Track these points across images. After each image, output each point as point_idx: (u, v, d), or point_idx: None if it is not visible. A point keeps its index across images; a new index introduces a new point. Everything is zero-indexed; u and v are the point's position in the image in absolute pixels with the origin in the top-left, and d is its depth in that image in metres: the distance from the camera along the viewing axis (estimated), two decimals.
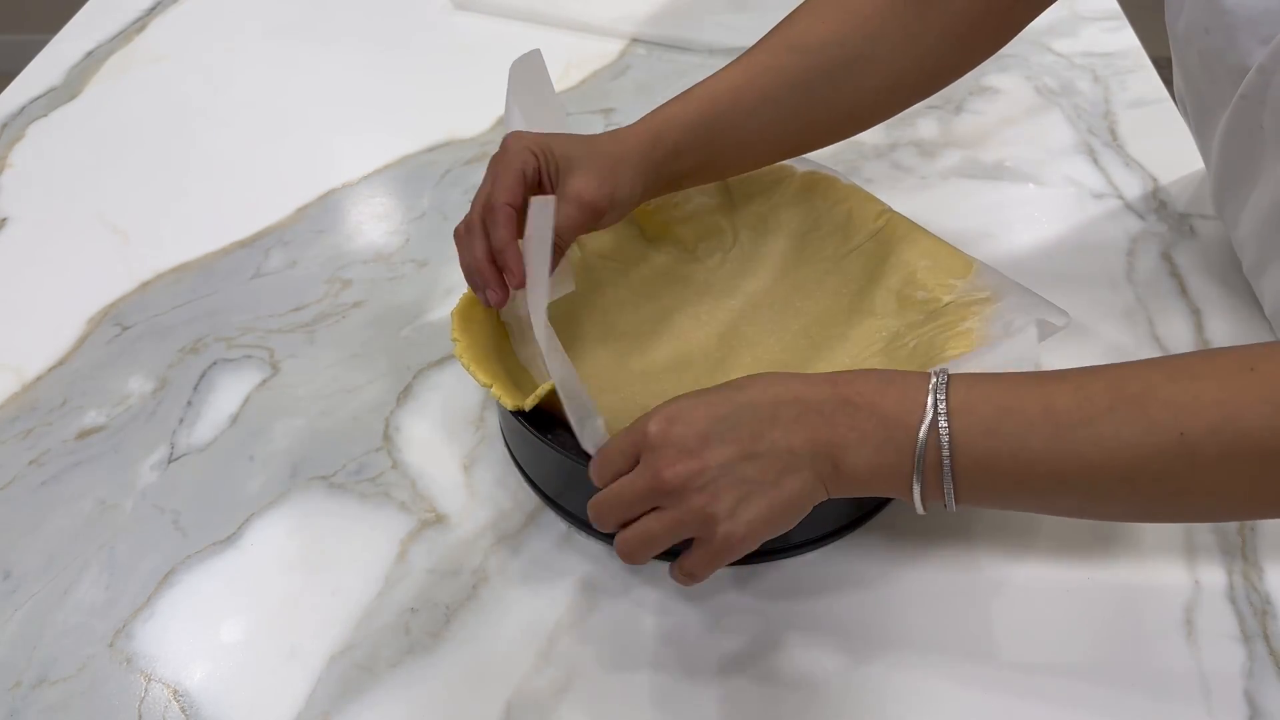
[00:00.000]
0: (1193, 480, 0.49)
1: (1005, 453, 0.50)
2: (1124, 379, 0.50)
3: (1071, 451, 0.49)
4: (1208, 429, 0.47)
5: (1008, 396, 0.51)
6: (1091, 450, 0.49)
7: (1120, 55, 1.07)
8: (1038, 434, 0.50)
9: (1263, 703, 0.57)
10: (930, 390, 0.51)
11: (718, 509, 0.51)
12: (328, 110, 1.04)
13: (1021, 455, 0.50)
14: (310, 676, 0.60)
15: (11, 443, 0.73)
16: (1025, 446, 0.50)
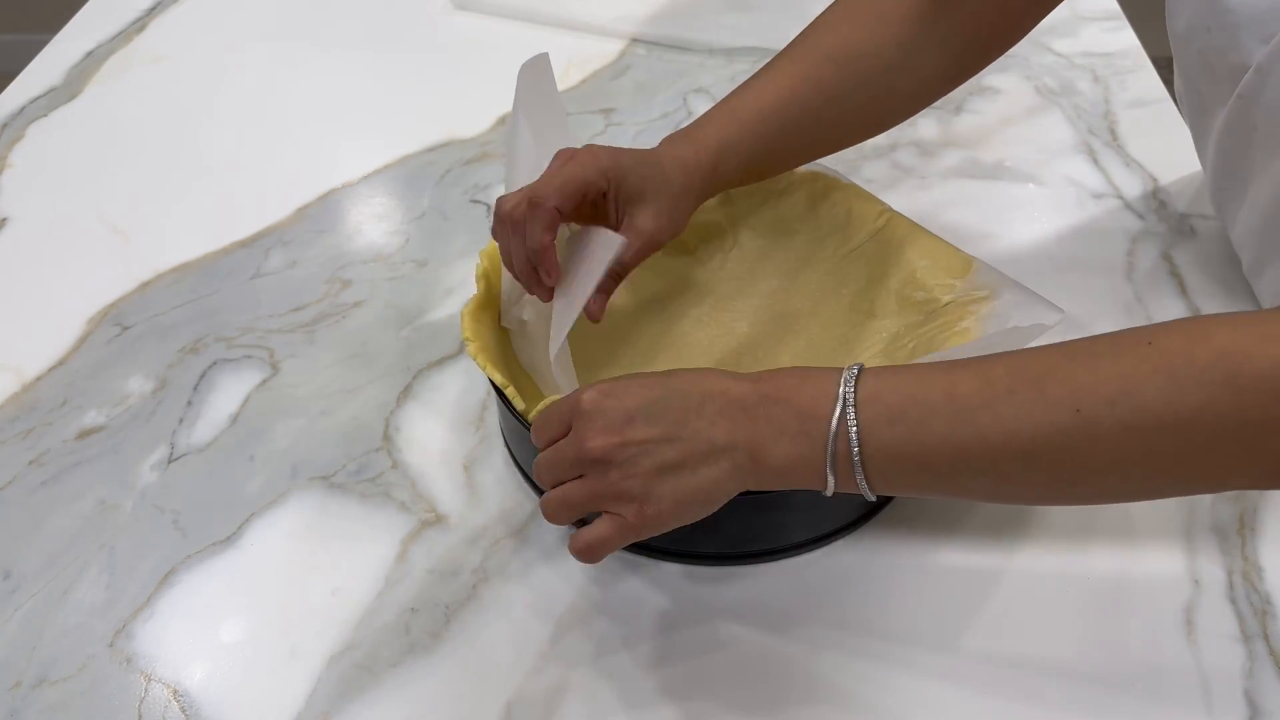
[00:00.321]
0: (1092, 456, 0.49)
1: (910, 439, 0.51)
2: (1025, 362, 0.51)
3: (973, 434, 0.50)
4: (1104, 403, 0.48)
5: (914, 385, 0.52)
6: (992, 431, 0.50)
7: (1120, 55, 1.07)
8: (940, 419, 0.50)
9: (1263, 702, 0.57)
10: (840, 382, 0.52)
11: (632, 486, 0.53)
12: (328, 110, 1.04)
13: (926, 441, 0.51)
14: (310, 676, 0.60)
15: (11, 443, 0.73)
16: (929, 432, 0.51)
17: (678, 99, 1.03)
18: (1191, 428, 0.47)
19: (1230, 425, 0.46)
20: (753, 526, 0.63)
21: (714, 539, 0.64)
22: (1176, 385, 0.47)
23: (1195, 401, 0.46)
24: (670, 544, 0.64)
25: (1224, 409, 0.46)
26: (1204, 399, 0.46)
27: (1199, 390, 0.46)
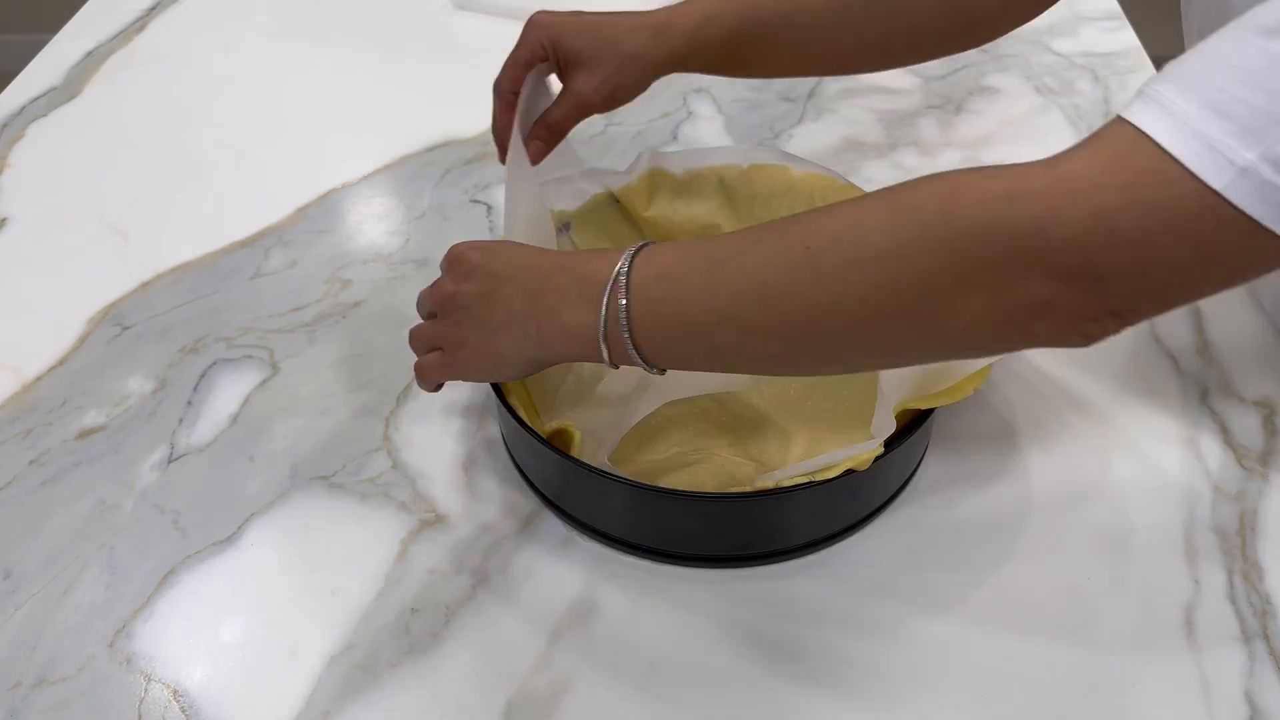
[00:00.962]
0: (817, 291, 0.49)
1: (670, 295, 0.53)
2: (791, 218, 0.52)
3: (721, 282, 0.52)
4: (830, 238, 0.49)
5: (683, 249, 0.55)
6: (735, 278, 0.51)
7: (1120, 55, 1.07)
8: (698, 272, 0.52)
9: (1263, 703, 0.57)
10: (624, 252, 0.55)
11: (449, 334, 0.61)
12: (328, 110, 1.04)
13: (683, 294, 0.53)
14: (310, 676, 0.60)
15: (11, 443, 0.73)
16: (687, 285, 0.53)
17: (678, 99, 1.03)
18: (906, 256, 0.47)
19: (942, 254, 0.46)
20: (753, 528, 0.63)
21: (714, 541, 0.64)
22: (896, 218, 0.47)
23: (911, 231, 0.46)
24: (671, 545, 0.64)
25: (937, 238, 0.46)
26: (920, 228, 0.46)
27: (914, 220, 0.47)
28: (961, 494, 0.67)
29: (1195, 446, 0.70)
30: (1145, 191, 0.43)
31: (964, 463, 0.69)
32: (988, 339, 0.49)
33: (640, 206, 0.79)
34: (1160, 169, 0.42)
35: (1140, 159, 0.43)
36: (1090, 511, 0.66)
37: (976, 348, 0.51)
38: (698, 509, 0.62)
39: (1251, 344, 0.76)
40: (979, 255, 0.45)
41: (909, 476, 0.68)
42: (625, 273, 0.54)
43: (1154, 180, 0.43)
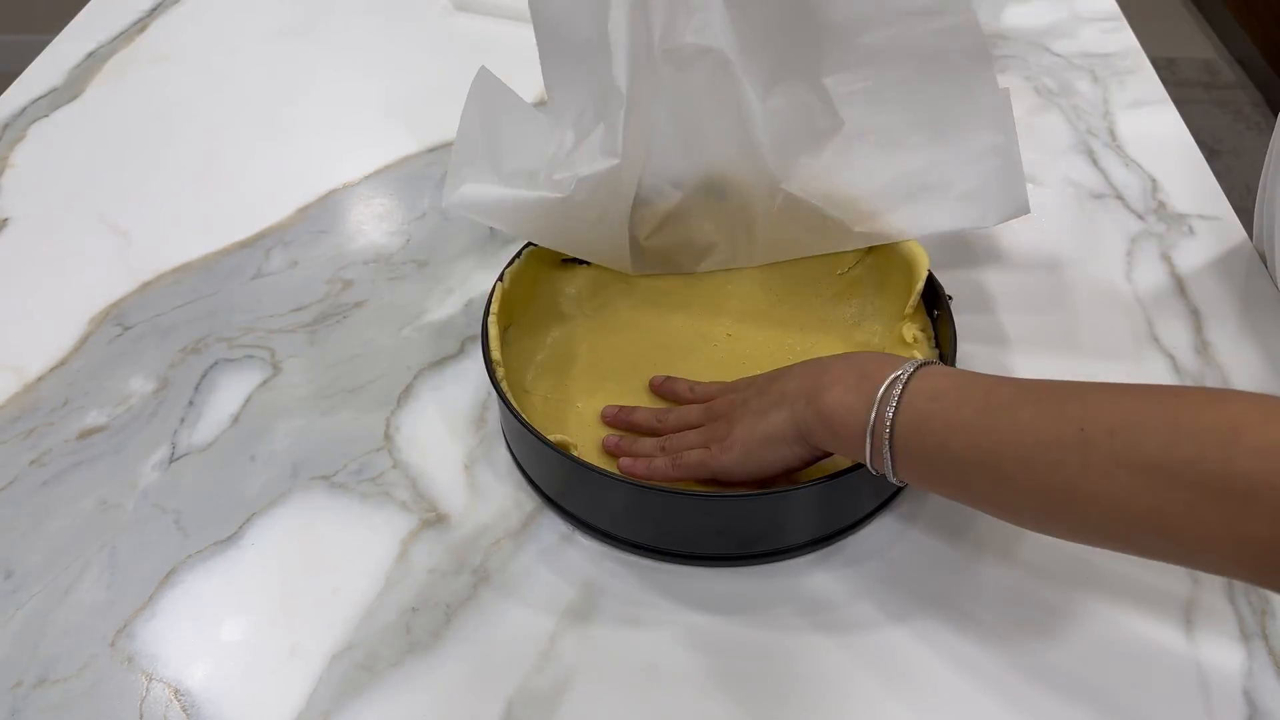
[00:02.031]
0: (1082, 476, 0.49)
1: (938, 415, 0.54)
2: (1066, 385, 0.52)
3: (989, 427, 0.52)
4: (1106, 430, 0.48)
5: (964, 378, 0.56)
6: (1005, 429, 0.52)
7: (1119, 56, 1.07)
8: (970, 407, 0.53)
9: (1262, 702, 0.57)
10: (909, 362, 0.57)
11: (723, 432, 0.63)
12: (328, 110, 1.04)
13: (951, 422, 0.54)
14: (311, 676, 0.60)
15: (13, 443, 0.73)
16: (956, 415, 0.54)
17: None
18: (1177, 480, 0.46)
19: (1214, 489, 0.45)
20: (754, 527, 0.63)
21: (715, 539, 0.64)
22: (1175, 434, 0.47)
23: (1187, 455, 0.46)
24: (672, 544, 0.64)
25: (1212, 470, 0.45)
26: (1195, 455, 0.46)
27: (1194, 445, 0.46)
28: None
29: None
30: None
31: None
32: (1253, 577, 0.48)
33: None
34: None
35: None
36: None
37: (1240, 578, 0.51)
38: (698, 507, 0.62)
39: (1251, 343, 0.76)
40: (1251, 507, 0.44)
41: None
42: (905, 380, 0.56)
43: None
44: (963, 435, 0.53)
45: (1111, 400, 0.50)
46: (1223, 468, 0.45)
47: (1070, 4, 1.14)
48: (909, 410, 0.55)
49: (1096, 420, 0.49)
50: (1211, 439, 0.46)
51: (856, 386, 0.57)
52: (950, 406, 0.54)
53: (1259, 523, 0.44)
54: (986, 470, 0.52)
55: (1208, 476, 0.45)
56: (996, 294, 0.80)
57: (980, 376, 0.56)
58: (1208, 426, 0.46)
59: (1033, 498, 0.52)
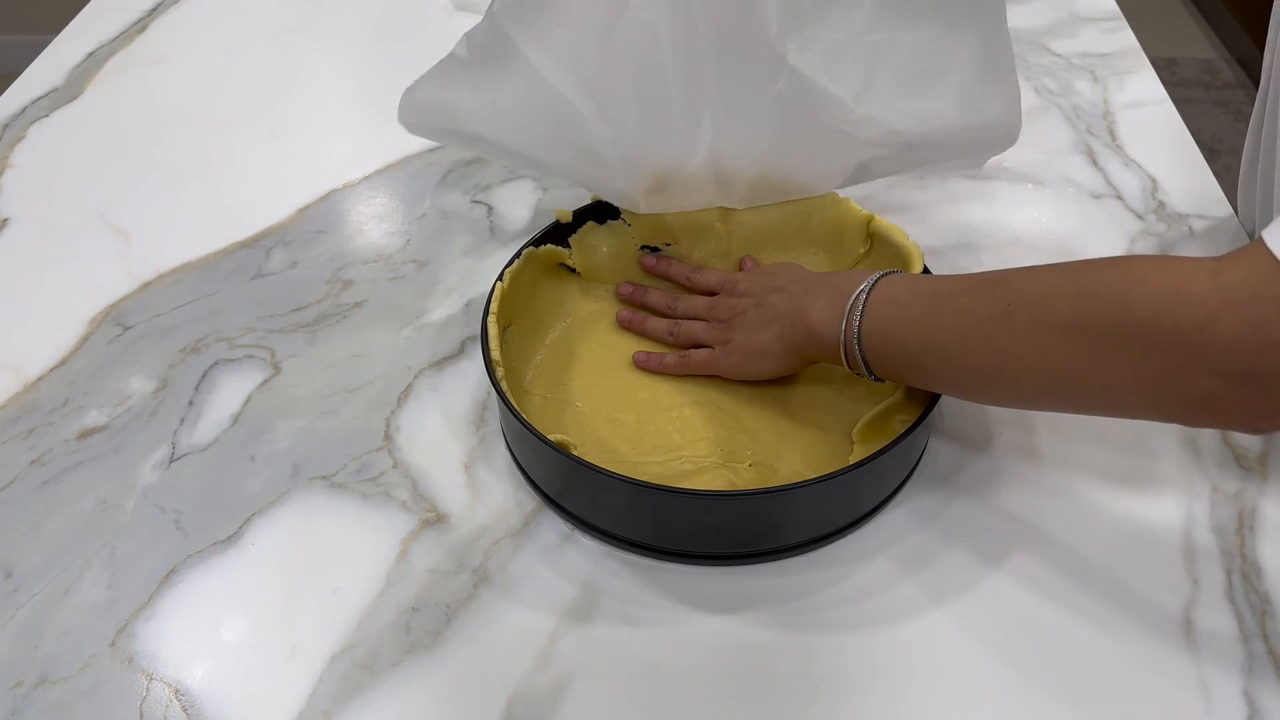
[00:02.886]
0: (1009, 343, 0.57)
1: (895, 316, 0.63)
2: (1000, 273, 0.60)
3: (934, 317, 0.61)
4: (1027, 301, 0.57)
5: (916, 281, 0.64)
6: (947, 317, 0.60)
7: (1119, 56, 1.07)
8: (920, 304, 0.62)
9: (1261, 702, 0.57)
10: (871, 275, 0.65)
11: (727, 335, 0.73)
12: (328, 110, 1.04)
13: (904, 320, 0.62)
14: (311, 676, 0.60)
15: (13, 442, 0.73)
16: (909, 312, 0.62)
17: None
18: (1085, 332, 0.54)
19: (1116, 335, 0.53)
20: (753, 526, 0.63)
21: (715, 539, 0.64)
22: (1081, 294, 0.54)
23: (1092, 309, 0.54)
24: (672, 543, 0.64)
25: (1113, 319, 0.53)
26: (1099, 308, 0.53)
27: (1097, 300, 0.54)
28: (960, 492, 0.68)
29: (1194, 446, 0.70)
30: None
31: (962, 461, 0.69)
32: (1155, 415, 0.55)
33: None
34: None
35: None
36: (1089, 510, 0.67)
37: (1146, 417, 0.57)
38: (698, 506, 0.62)
39: None
40: (1148, 347, 0.52)
41: (908, 475, 0.68)
42: (867, 295, 0.64)
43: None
44: (914, 329, 0.62)
45: (1031, 277, 0.58)
46: (1121, 315, 0.52)
47: (1070, 4, 1.14)
48: (871, 316, 0.63)
49: (1019, 295, 0.57)
50: (1111, 293, 0.53)
51: (831, 303, 0.65)
52: (903, 308, 0.63)
53: (1153, 358, 0.52)
54: (935, 354, 0.61)
55: (1110, 325, 0.53)
56: None
57: (930, 278, 0.64)
58: (1108, 282, 0.54)
59: (975, 371, 0.60)
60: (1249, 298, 0.49)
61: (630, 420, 0.71)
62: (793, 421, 0.71)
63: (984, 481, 0.68)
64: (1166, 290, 0.51)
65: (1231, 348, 0.49)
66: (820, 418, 0.71)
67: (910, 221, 0.79)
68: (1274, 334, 0.48)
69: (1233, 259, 0.50)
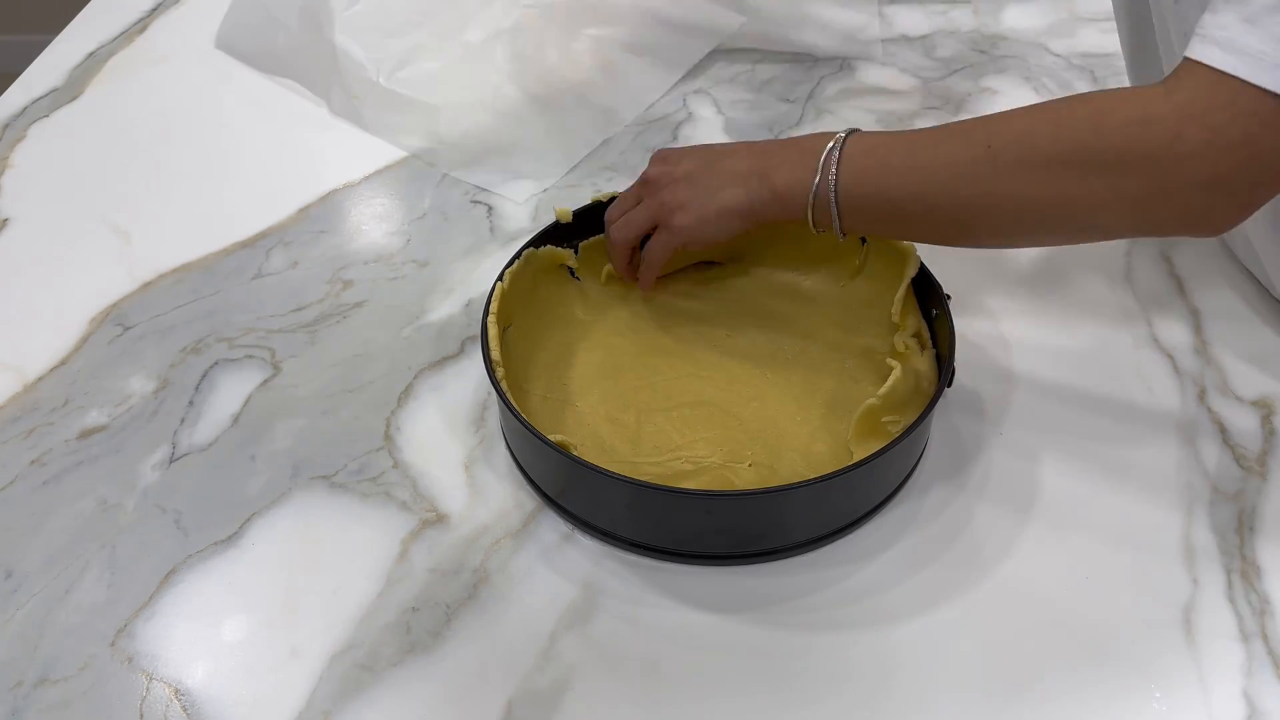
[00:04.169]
0: (996, 183, 0.60)
1: (874, 168, 0.64)
2: (977, 119, 0.63)
3: (916, 164, 0.63)
4: (1007, 141, 0.60)
5: (893, 134, 0.66)
6: (930, 161, 0.63)
7: (1118, 56, 1.07)
8: (900, 153, 0.64)
9: (1261, 702, 0.57)
10: (841, 130, 0.66)
11: (672, 199, 0.70)
12: (328, 110, 1.04)
13: (885, 169, 0.64)
14: (311, 675, 0.60)
15: (13, 442, 0.73)
16: (889, 162, 0.64)
17: (678, 99, 1.03)
18: (1066, 164, 0.58)
19: (1094, 163, 0.58)
20: (753, 526, 0.63)
21: (715, 538, 0.64)
22: (1058, 129, 0.59)
23: (1070, 142, 0.58)
24: (672, 543, 0.64)
25: (1090, 149, 0.58)
26: (1076, 140, 0.58)
27: (1073, 132, 0.58)
28: (959, 492, 0.68)
29: (1194, 446, 0.70)
30: (1244, 104, 0.54)
31: (962, 461, 0.69)
32: (1135, 232, 0.65)
33: None
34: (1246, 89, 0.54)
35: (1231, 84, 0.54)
36: (1089, 510, 0.67)
37: (1125, 235, 0.66)
38: (698, 506, 0.62)
39: (1249, 344, 0.76)
40: (1124, 168, 0.57)
41: (908, 474, 0.68)
42: (840, 146, 0.65)
43: (1248, 96, 0.54)
44: (896, 177, 0.64)
45: (1008, 120, 0.62)
46: (1097, 144, 0.58)
47: (1070, 4, 1.14)
48: (849, 168, 0.64)
49: (1000, 136, 0.61)
50: (1085, 125, 0.58)
51: (800, 162, 0.66)
52: (883, 158, 0.64)
53: (1131, 179, 0.57)
54: (919, 200, 0.63)
55: (1089, 155, 0.58)
56: (995, 294, 0.80)
57: (899, 132, 0.66)
58: (1082, 117, 0.59)
59: (960, 213, 0.63)
60: (1204, 108, 0.55)
61: (630, 420, 0.71)
62: (793, 421, 0.71)
63: (983, 481, 0.68)
64: (1134, 115, 0.57)
65: (1198, 155, 0.55)
66: (820, 418, 0.71)
67: None
68: (1233, 134, 0.54)
69: (1176, 80, 0.56)
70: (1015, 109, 0.62)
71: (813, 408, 0.71)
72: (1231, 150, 0.55)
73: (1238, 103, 0.54)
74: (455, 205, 0.92)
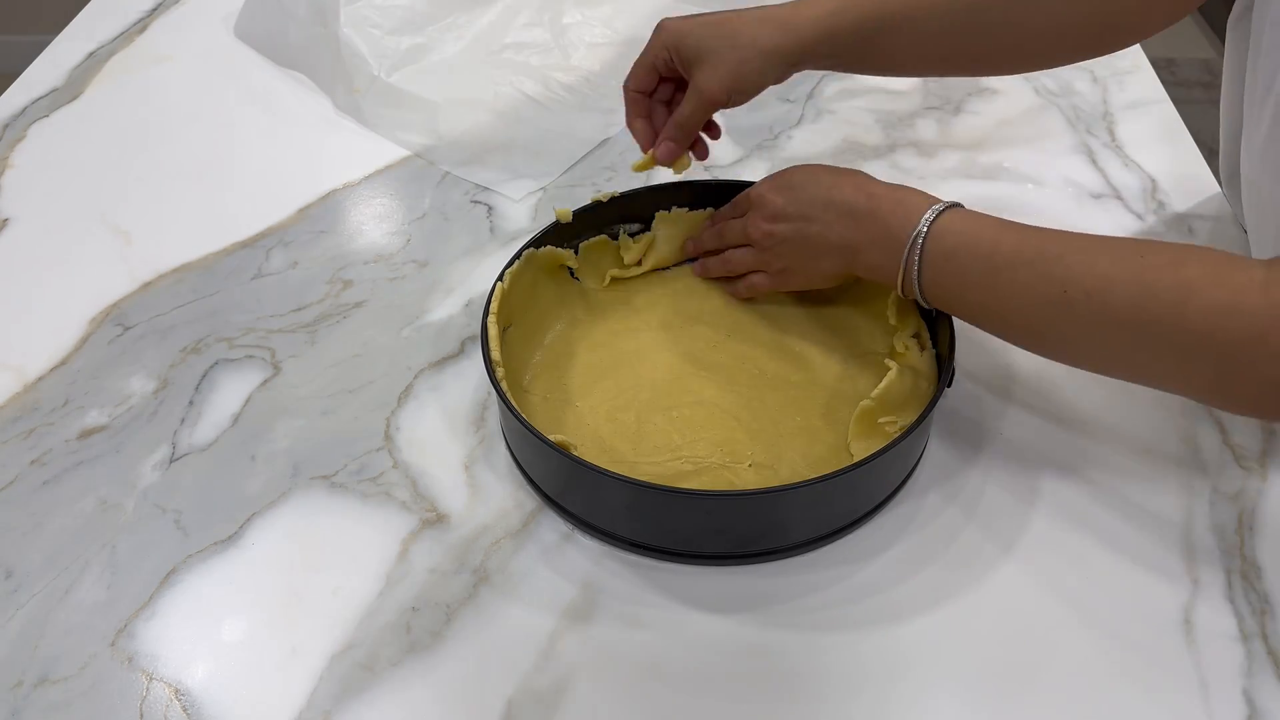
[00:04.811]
0: (1067, 328, 0.60)
1: (953, 272, 0.64)
2: (1054, 240, 0.61)
3: (993, 284, 0.63)
4: (1084, 292, 0.59)
5: (974, 232, 0.64)
6: (1006, 289, 0.62)
7: (1118, 56, 1.07)
8: (979, 266, 0.63)
9: (1261, 702, 0.57)
10: (925, 216, 0.65)
11: (774, 262, 0.75)
12: (329, 110, 1.04)
13: (964, 280, 0.64)
14: (311, 675, 0.60)
15: (13, 443, 0.73)
16: (967, 272, 0.64)
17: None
18: (1142, 333, 0.57)
19: (1172, 342, 0.56)
20: (754, 526, 0.63)
21: (715, 538, 0.64)
22: (1141, 296, 0.57)
23: (1150, 314, 0.57)
24: (672, 543, 0.64)
25: (1169, 328, 0.56)
26: (1157, 314, 0.56)
27: (1155, 305, 0.56)
28: (959, 492, 0.68)
29: (1194, 446, 0.70)
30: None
31: (962, 461, 0.69)
32: (1203, 399, 0.62)
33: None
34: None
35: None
36: (1089, 510, 0.67)
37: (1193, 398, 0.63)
38: (698, 506, 0.62)
39: None
40: (1201, 354, 0.56)
41: (908, 474, 0.68)
42: (922, 242, 0.64)
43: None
44: (973, 292, 0.64)
45: (1088, 264, 0.59)
46: (1177, 324, 0.56)
47: None
48: (930, 266, 0.65)
49: (1077, 282, 0.59)
50: (1169, 299, 0.56)
51: (886, 247, 0.66)
52: (962, 266, 0.64)
53: (1204, 366, 0.56)
54: (994, 318, 0.64)
55: (1166, 332, 0.56)
56: None
57: (985, 228, 0.64)
58: (1167, 287, 0.56)
59: (1030, 340, 0.64)
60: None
61: (630, 420, 0.71)
62: (793, 421, 0.71)
63: (983, 482, 0.68)
64: (1221, 304, 0.55)
65: (1277, 359, 0.54)
66: (821, 418, 0.71)
67: None
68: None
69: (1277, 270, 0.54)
70: (1099, 244, 0.60)
71: (813, 408, 0.71)
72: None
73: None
74: (455, 205, 0.92)
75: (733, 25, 0.73)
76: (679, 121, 0.76)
